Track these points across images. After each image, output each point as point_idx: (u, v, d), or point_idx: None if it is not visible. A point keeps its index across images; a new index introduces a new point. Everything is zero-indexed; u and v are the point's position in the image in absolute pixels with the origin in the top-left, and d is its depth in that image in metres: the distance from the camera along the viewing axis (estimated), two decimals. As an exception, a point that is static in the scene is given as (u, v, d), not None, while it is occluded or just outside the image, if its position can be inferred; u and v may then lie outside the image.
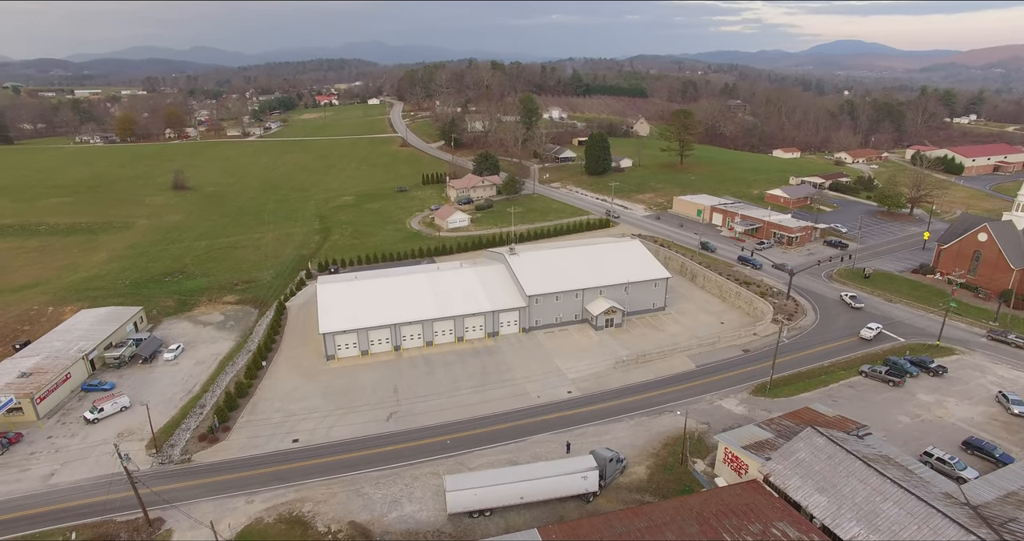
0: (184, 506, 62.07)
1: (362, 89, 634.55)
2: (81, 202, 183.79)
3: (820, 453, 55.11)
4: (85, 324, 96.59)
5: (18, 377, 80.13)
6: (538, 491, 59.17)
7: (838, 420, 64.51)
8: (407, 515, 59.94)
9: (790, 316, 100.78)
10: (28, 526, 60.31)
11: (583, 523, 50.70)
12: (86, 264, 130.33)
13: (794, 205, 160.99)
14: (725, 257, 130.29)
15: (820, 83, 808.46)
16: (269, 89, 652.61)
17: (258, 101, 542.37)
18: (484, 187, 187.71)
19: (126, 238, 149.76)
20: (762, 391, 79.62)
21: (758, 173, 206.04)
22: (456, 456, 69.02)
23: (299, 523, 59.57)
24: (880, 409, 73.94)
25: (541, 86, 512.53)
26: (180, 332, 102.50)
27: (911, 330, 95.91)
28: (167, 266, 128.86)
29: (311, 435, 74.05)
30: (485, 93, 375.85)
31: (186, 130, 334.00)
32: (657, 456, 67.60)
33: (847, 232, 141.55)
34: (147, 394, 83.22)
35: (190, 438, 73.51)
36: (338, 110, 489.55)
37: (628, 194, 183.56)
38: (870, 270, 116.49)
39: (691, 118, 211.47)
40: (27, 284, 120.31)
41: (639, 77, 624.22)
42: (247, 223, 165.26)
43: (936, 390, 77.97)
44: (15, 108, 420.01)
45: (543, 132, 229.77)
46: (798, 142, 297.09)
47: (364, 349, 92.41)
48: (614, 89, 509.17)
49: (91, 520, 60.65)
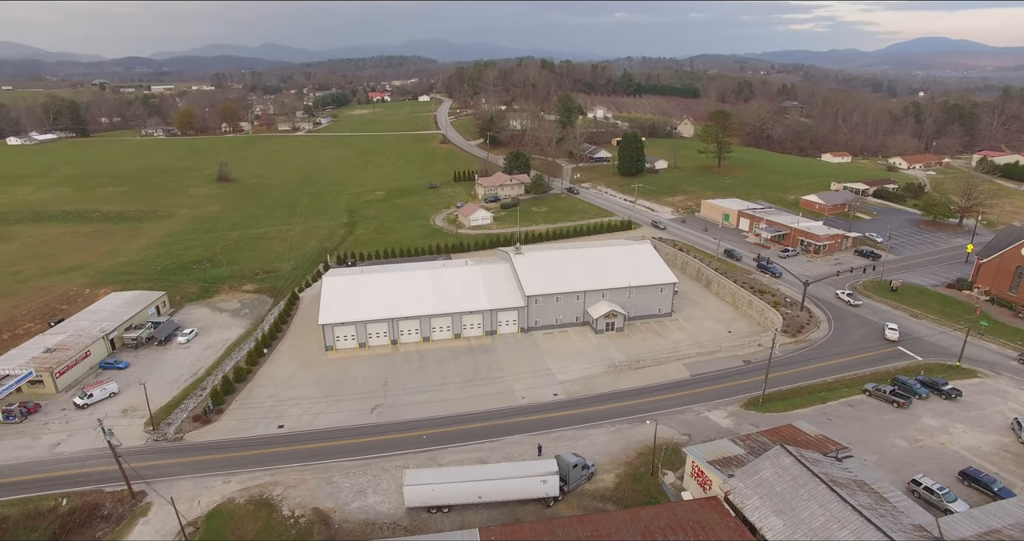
0: (167, 482, 65.60)
1: (416, 86, 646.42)
2: (133, 191, 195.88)
3: (785, 473, 52.65)
4: (111, 306, 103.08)
5: (43, 352, 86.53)
6: (496, 492, 59.13)
7: (819, 440, 61.36)
8: (369, 506, 61.16)
9: (801, 328, 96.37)
10: (28, 490, 65.13)
11: (525, 527, 50.40)
12: (126, 250, 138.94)
13: (829, 212, 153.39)
14: (749, 264, 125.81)
15: (892, 84, 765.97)
16: (326, 85, 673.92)
17: (313, 97, 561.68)
18: (512, 186, 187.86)
19: (166, 226, 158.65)
20: (754, 405, 76.61)
21: (799, 178, 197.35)
22: (428, 451, 69.80)
23: (266, 505, 61.78)
24: (877, 431, 69.76)
25: (591, 85, 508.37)
26: (198, 317, 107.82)
27: (933, 348, 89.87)
28: (197, 254, 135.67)
29: (296, 422, 76.55)
30: (530, 92, 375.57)
31: (240, 124, 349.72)
32: (630, 465, 66.22)
33: (882, 242, 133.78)
34: (157, 374, 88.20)
35: (185, 418, 77.41)
36: (388, 107, 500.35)
37: (657, 196, 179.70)
38: (898, 283, 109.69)
39: (730, 119, 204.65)
40: (73, 266, 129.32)
41: (694, 77, 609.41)
42: (279, 215, 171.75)
43: (945, 414, 72.84)
44: (97, 104, 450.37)
45: (578, 132, 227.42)
46: (852, 146, 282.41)
47: (362, 342, 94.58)
48: (666, 89, 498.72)
49: (82, 489, 64.90)
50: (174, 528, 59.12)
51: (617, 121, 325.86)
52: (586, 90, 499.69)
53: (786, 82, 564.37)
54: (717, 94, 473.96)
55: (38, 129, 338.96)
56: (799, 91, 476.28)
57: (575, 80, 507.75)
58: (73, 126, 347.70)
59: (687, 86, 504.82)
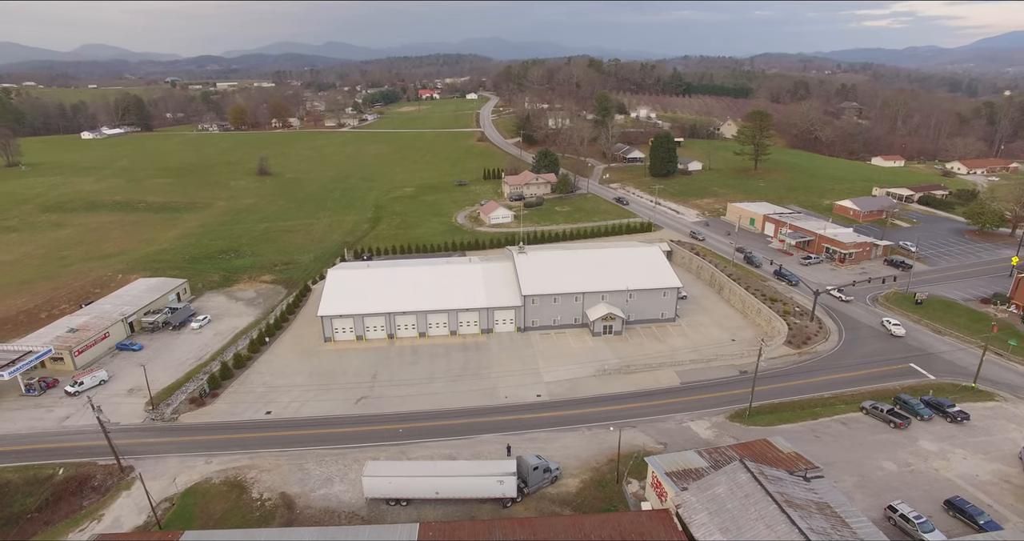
0: (154, 459, 69.37)
1: (466, 84, 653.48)
2: (179, 183, 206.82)
3: (738, 490, 50.64)
4: (136, 291, 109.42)
5: (67, 332, 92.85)
6: (452, 489, 59.44)
7: (791, 457, 58.60)
8: (333, 494, 62.69)
9: (807, 339, 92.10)
10: (33, 458, 70.17)
11: (466, 525, 50.54)
12: (161, 239, 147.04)
13: (864, 218, 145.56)
14: (769, 271, 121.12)
15: (974, 83, 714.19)
16: (378, 83, 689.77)
17: (365, 93, 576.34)
18: (538, 184, 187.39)
19: (202, 217, 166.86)
20: (740, 417, 73.86)
21: (839, 182, 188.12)
22: (401, 445, 70.85)
23: (238, 487, 64.30)
24: (866, 452, 65.97)
25: (640, 85, 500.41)
26: (214, 305, 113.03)
27: (951, 367, 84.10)
28: (224, 245, 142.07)
29: (284, 409, 79.20)
30: (572, 90, 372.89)
31: (289, 120, 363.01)
32: (597, 471, 65.18)
33: (916, 251, 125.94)
34: (166, 357, 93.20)
35: (183, 400, 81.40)
36: (435, 104, 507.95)
37: (685, 198, 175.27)
38: (923, 295, 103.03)
39: (768, 120, 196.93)
40: (112, 253, 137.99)
41: (750, 76, 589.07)
42: (309, 209, 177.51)
43: (946, 438, 68.08)
44: (164, 100, 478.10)
45: (610, 131, 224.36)
46: (909, 149, 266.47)
47: (359, 334, 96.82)
48: (716, 89, 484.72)
49: (79, 460, 69.36)
50: (157, 499, 62.52)
51: (659, 121, 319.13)
52: (634, 89, 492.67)
53: (849, 82, 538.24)
54: (770, 94, 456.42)
55: (109, 124, 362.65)
56: (860, 91, 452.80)
57: (623, 79, 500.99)
58: (138, 121, 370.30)
59: (739, 86, 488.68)
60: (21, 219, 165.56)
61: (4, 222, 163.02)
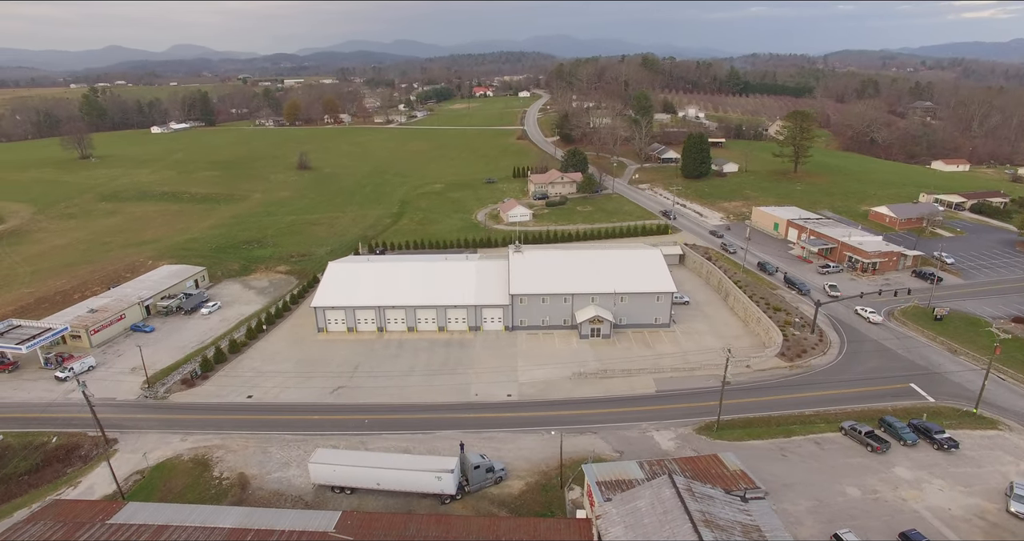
0: (137, 434, 74.10)
1: (522, 82, 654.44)
2: (223, 176, 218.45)
3: (659, 506, 48.98)
4: (158, 276, 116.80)
5: (88, 312, 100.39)
6: (392, 481, 60.46)
7: (735, 475, 56.07)
8: (286, 477, 65.07)
9: (802, 352, 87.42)
10: (36, 426, 76.41)
11: (384, 518, 51.46)
12: (194, 228, 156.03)
13: (900, 226, 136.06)
14: (781, 279, 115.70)
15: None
16: (435, 80, 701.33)
17: (421, 90, 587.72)
18: (563, 183, 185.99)
19: (236, 209, 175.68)
20: (708, 430, 71.19)
21: (885, 187, 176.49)
22: (362, 435, 72.53)
23: (203, 464, 67.83)
24: (832, 475, 62.08)
25: (695, 83, 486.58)
26: (229, 292, 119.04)
27: (956, 391, 77.70)
28: (250, 235, 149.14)
29: (264, 394, 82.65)
30: (620, 89, 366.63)
31: (340, 116, 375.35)
32: (545, 475, 64.51)
33: (952, 263, 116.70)
34: (173, 340, 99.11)
35: (176, 381, 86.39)
36: (486, 102, 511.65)
37: (712, 201, 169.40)
38: (943, 311, 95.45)
39: (809, 120, 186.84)
40: (149, 240, 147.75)
41: (815, 75, 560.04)
42: (338, 203, 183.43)
43: (926, 467, 63.09)
44: (231, 96, 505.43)
45: (645, 131, 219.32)
46: (980, 152, 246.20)
47: (351, 326, 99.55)
48: (776, 88, 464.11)
49: (72, 430, 74.96)
50: (128, 472, 67.18)
51: (705, 121, 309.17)
52: (689, 88, 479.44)
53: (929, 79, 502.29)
54: (835, 93, 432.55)
55: (176, 120, 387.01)
56: (937, 90, 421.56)
57: (678, 78, 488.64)
58: (202, 116, 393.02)
59: (801, 85, 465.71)
60: (80, 207, 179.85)
61: (66, 209, 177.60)
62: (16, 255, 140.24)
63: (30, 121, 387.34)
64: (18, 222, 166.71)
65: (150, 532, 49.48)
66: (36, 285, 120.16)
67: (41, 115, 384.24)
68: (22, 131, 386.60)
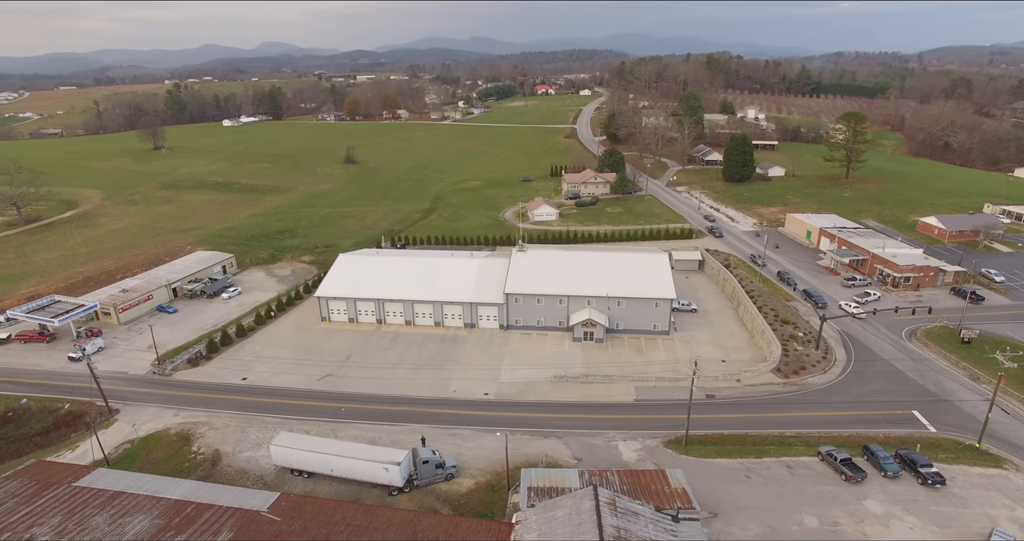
0: (137, 406, 79.82)
1: (587, 80, 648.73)
2: (273, 168, 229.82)
3: (576, 517, 47.92)
4: (189, 261, 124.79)
5: (120, 292, 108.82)
6: (343, 468, 62.30)
7: (675, 494, 53.92)
8: (254, 457, 68.28)
9: (801, 369, 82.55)
10: (54, 392, 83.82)
11: (316, 502, 53.14)
12: (235, 217, 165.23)
13: (951, 239, 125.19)
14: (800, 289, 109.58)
15: None
16: (500, 77, 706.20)
17: (483, 87, 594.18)
18: (596, 183, 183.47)
19: (278, 200, 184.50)
20: (676, 444, 68.70)
21: (946, 196, 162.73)
22: (334, 422, 74.87)
23: (185, 439, 72.26)
24: (794, 502, 58.45)
25: (763, 83, 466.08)
26: (252, 279, 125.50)
27: (966, 421, 71.06)
28: (284, 225, 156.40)
29: (258, 377, 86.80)
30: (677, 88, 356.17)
31: (398, 112, 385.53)
32: (498, 476, 64.37)
33: (1002, 282, 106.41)
34: (191, 321, 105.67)
35: (184, 360, 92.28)
36: (545, 100, 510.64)
37: (749, 205, 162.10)
38: (971, 334, 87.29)
39: (863, 123, 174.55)
40: (193, 227, 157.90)
41: (902, 74, 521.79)
42: (374, 197, 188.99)
43: (903, 502, 58.16)
44: (302, 91, 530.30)
45: (688, 132, 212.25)
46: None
47: (352, 317, 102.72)
48: (851, 88, 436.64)
49: (82, 398, 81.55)
50: (121, 440, 72.76)
51: (763, 122, 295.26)
52: (756, 88, 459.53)
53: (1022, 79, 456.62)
54: (920, 94, 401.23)
55: (247, 113, 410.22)
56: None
57: (745, 78, 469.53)
58: (270, 110, 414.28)
59: (880, 85, 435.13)
60: (142, 194, 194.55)
61: (130, 196, 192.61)
62: (79, 236, 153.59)
63: (123, 115, 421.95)
64: (89, 207, 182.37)
65: (105, 497, 53.37)
66: (88, 265, 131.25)
67: (132, 109, 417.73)
68: (116, 124, 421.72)
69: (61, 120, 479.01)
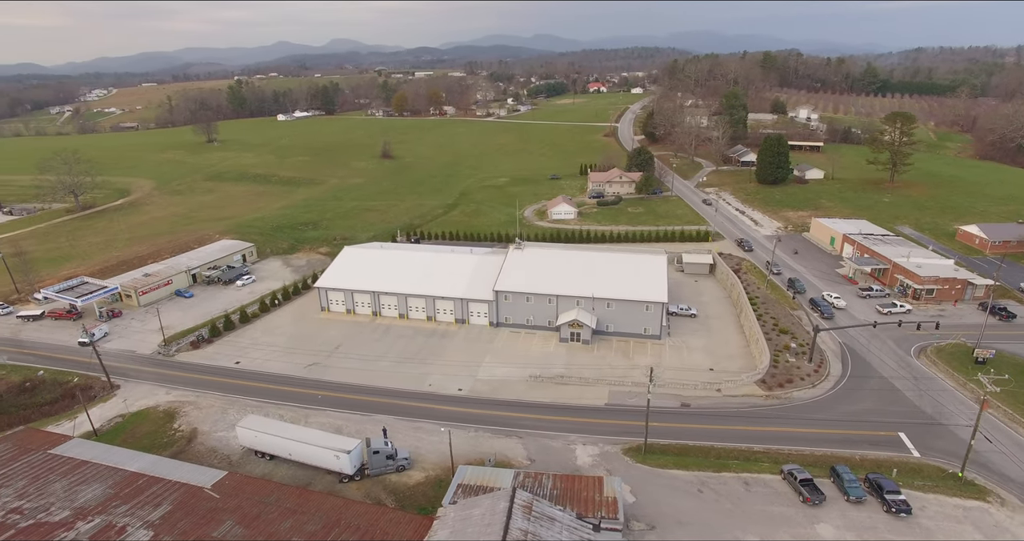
0: (135, 383, 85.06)
1: (641, 78, 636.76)
2: (312, 161, 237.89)
3: (488, 518, 47.64)
4: (212, 249, 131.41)
5: (143, 275, 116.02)
6: (300, 453, 64.41)
7: (604, 502, 52.67)
8: (227, 438, 71.44)
9: (788, 382, 78.67)
10: (68, 366, 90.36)
11: (258, 482, 55.42)
12: (266, 208, 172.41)
13: (993, 250, 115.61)
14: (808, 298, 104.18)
15: None
16: (553, 75, 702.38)
17: (535, 84, 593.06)
18: (621, 183, 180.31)
19: (310, 192, 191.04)
20: (635, 452, 67.03)
21: (1003, 203, 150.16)
22: (308, 409, 77.29)
23: (169, 416, 76.48)
24: (739, 521, 55.89)
25: (823, 82, 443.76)
26: (268, 268, 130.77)
27: (957, 448, 65.23)
28: (310, 217, 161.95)
29: (250, 362, 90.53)
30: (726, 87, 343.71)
31: (444, 108, 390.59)
32: (448, 470, 64.89)
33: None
34: (204, 306, 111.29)
35: (187, 342, 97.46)
36: (594, 97, 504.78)
37: (777, 209, 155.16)
38: (987, 353, 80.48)
39: (911, 123, 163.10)
40: (227, 216, 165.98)
41: (988, 70, 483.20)
42: (401, 192, 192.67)
43: (860, 529, 54.54)
44: (358, 87, 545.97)
45: (722, 131, 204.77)
46: None
47: (349, 308, 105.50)
48: (924, 86, 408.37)
49: (90, 373, 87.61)
50: (115, 414, 77.82)
51: (815, 122, 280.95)
52: (816, 87, 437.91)
53: None
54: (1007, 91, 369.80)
55: (301, 108, 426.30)
56: None
57: (804, 76, 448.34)
58: (323, 105, 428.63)
59: (959, 82, 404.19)
60: (188, 185, 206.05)
61: (177, 187, 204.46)
62: (124, 223, 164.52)
63: (189, 109, 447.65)
64: (139, 195, 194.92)
65: (71, 465, 57.45)
66: (124, 250, 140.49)
67: (197, 104, 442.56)
68: (183, 118, 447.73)
69: (139, 114, 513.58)
